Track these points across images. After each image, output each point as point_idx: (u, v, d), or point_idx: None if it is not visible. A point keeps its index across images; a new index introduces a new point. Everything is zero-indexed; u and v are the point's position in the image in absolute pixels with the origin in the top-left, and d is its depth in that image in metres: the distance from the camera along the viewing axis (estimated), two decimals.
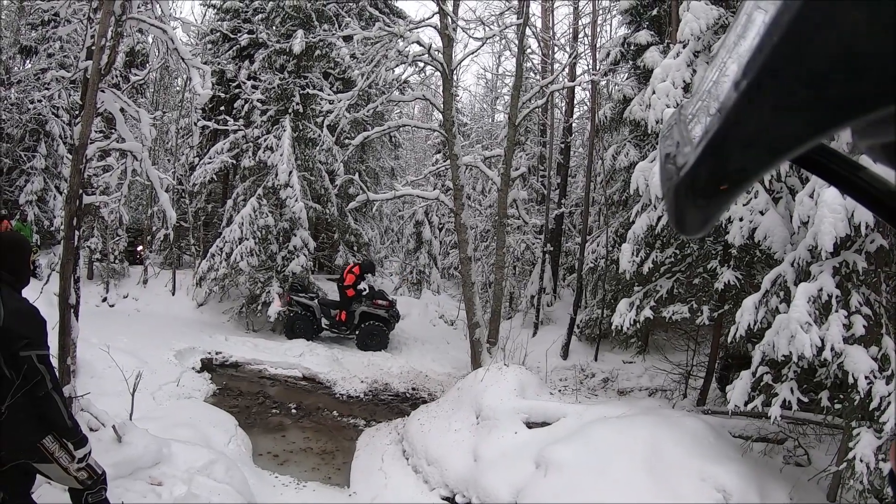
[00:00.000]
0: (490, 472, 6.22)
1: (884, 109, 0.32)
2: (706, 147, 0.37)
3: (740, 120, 0.35)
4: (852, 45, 0.31)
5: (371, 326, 12.97)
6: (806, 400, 5.51)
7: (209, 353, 10.99)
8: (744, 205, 6.74)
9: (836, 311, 5.03)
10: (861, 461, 4.73)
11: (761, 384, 5.59)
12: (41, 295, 4.72)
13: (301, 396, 9.91)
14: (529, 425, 6.86)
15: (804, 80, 0.32)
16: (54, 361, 3.40)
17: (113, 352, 6.87)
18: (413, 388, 10.89)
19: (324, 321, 13.17)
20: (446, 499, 6.52)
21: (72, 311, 5.25)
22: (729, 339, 6.20)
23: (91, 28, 5.49)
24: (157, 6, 5.75)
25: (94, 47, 5.21)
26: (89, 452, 3.48)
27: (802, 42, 0.32)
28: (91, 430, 4.76)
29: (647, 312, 8.00)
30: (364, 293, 13.05)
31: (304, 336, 12.71)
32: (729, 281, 7.30)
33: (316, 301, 13.20)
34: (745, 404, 5.64)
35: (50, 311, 3.91)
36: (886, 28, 0.30)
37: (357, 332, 13.04)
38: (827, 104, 0.32)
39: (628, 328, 8.21)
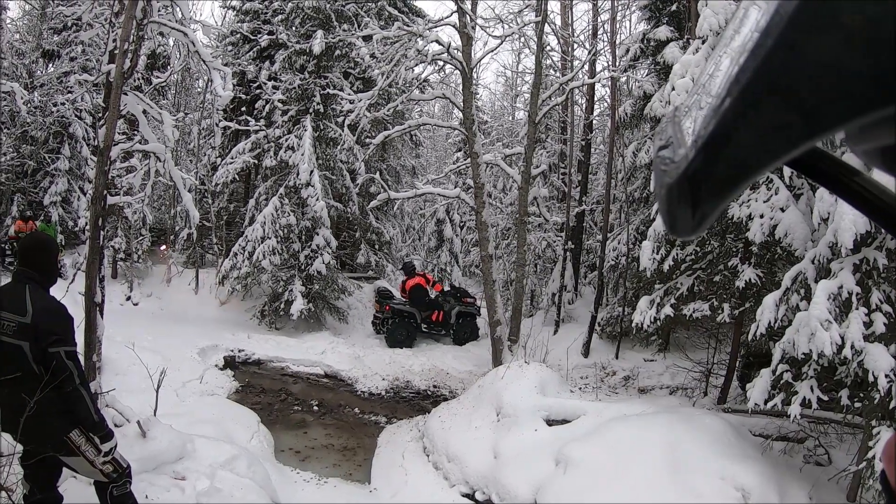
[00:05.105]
0: (510, 470, 6.22)
1: (883, 111, 0.32)
2: (701, 148, 0.36)
3: (736, 121, 0.35)
4: (850, 46, 0.31)
5: (467, 322, 13.94)
6: (826, 398, 5.43)
7: (232, 350, 11.12)
8: (764, 202, 6.68)
9: (857, 309, 4.96)
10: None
11: (781, 382, 5.52)
12: (66, 294, 4.80)
13: (323, 394, 9.98)
14: (549, 423, 6.86)
15: (801, 81, 0.32)
16: (81, 358, 3.47)
17: (137, 349, 6.96)
18: (434, 386, 10.92)
19: (422, 325, 13.66)
20: (466, 495, 6.54)
21: (97, 309, 5.35)
22: (750, 337, 6.13)
23: (113, 32, 5.57)
24: (178, 9, 5.84)
25: (116, 51, 5.30)
26: (115, 446, 3.55)
27: (798, 43, 0.32)
28: (116, 425, 4.84)
29: (668, 310, 7.95)
30: (456, 293, 14.04)
31: (406, 344, 13.10)
32: (750, 278, 7.24)
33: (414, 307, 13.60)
34: (765, 402, 5.57)
35: (75, 310, 3.98)
36: (885, 29, 0.30)
37: (453, 330, 13.83)
38: (821, 106, 0.32)
39: (649, 326, 8.17)
